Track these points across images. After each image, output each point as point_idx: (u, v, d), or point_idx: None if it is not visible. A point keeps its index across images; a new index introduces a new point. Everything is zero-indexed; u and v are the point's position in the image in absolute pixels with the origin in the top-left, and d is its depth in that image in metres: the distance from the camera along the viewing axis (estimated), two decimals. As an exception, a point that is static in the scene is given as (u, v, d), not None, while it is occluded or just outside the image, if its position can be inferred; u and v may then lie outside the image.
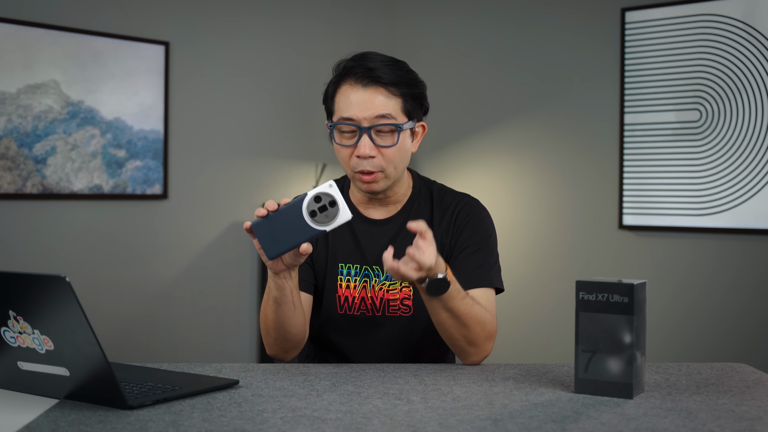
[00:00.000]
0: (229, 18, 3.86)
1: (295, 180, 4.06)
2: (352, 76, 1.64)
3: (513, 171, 4.13)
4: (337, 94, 1.66)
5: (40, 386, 1.30)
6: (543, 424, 1.16)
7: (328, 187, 1.41)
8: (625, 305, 1.31)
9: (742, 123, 3.47)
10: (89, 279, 3.42)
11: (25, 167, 3.23)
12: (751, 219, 3.45)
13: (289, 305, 1.53)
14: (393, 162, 1.64)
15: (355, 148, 1.62)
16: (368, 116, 1.61)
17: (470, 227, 1.71)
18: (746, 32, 3.46)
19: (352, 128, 1.62)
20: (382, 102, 1.62)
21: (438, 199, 1.75)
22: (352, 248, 1.71)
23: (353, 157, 1.63)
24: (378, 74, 1.62)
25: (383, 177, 1.64)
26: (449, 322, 1.54)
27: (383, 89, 1.63)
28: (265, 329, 1.61)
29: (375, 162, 1.62)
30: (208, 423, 1.16)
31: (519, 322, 4.03)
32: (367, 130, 1.61)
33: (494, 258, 1.72)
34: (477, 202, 1.77)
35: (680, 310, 3.66)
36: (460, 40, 4.28)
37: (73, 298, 1.17)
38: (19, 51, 3.21)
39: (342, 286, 1.70)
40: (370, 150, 1.61)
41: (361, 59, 1.65)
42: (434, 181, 1.81)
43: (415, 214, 1.73)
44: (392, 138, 1.63)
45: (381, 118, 1.62)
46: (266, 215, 1.41)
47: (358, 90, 1.62)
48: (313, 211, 1.40)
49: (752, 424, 1.17)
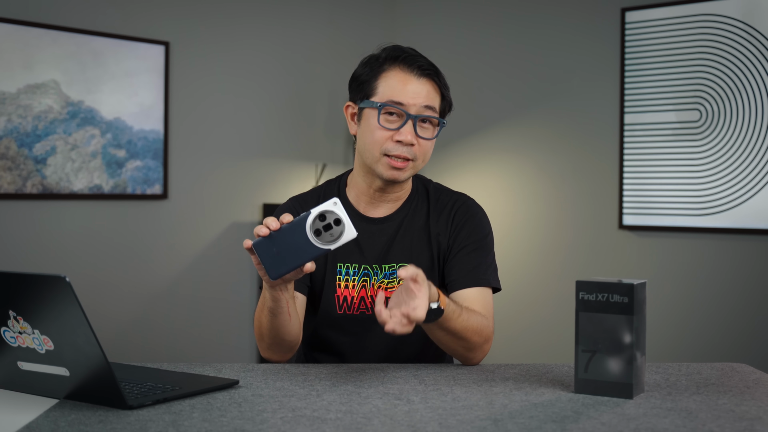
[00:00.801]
0: (229, 18, 3.86)
1: (295, 180, 4.06)
2: (405, 63, 1.66)
3: (513, 171, 4.13)
4: (382, 76, 1.66)
5: (40, 386, 1.30)
6: (543, 424, 1.16)
7: (332, 205, 1.38)
8: (625, 305, 1.31)
9: (742, 123, 3.47)
10: (89, 279, 3.42)
11: (25, 167, 3.23)
12: (751, 219, 3.45)
13: (285, 315, 1.52)
14: (424, 155, 1.67)
15: (396, 133, 1.62)
16: (417, 104, 1.63)
17: (468, 227, 1.72)
18: (746, 32, 3.46)
19: (399, 112, 1.63)
20: (432, 95, 1.66)
21: (435, 198, 1.76)
22: (351, 247, 1.70)
23: (391, 140, 1.62)
24: (428, 66, 1.66)
25: (412, 167, 1.66)
26: (446, 338, 1.56)
27: (435, 83, 1.67)
28: (259, 335, 1.60)
29: (412, 150, 1.63)
30: (208, 423, 1.16)
31: (519, 322, 4.03)
32: (414, 118, 1.63)
33: (491, 257, 1.73)
34: (473, 202, 1.78)
35: (680, 310, 3.65)
36: (460, 40, 4.28)
37: (73, 298, 1.17)
38: (19, 51, 3.21)
39: (341, 286, 1.70)
40: (412, 137, 1.62)
41: (408, 50, 1.68)
42: (430, 180, 1.81)
43: (414, 212, 1.74)
44: (432, 131, 1.67)
45: (428, 110, 1.65)
46: (268, 234, 1.38)
47: (412, 78, 1.64)
48: (317, 229, 1.38)
49: (752, 424, 1.17)
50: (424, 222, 1.73)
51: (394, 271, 1.70)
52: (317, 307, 1.73)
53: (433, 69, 1.67)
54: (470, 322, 1.56)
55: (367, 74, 1.68)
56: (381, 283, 1.69)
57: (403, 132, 1.62)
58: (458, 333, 1.54)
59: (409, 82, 1.64)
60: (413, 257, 1.70)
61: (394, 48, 1.69)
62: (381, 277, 1.69)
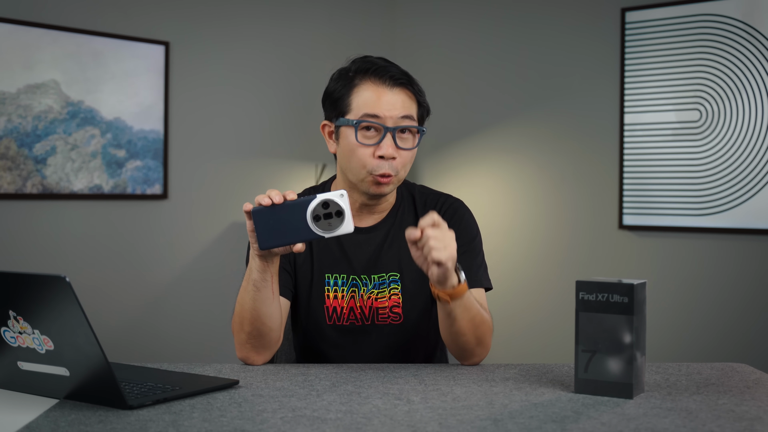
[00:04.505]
0: (229, 18, 3.86)
1: (295, 180, 4.06)
2: (376, 75, 1.61)
3: (513, 171, 4.13)
4: (355, 91, 1.62)
5: (40, 386, 1.30)
6: (543, 424, 1.16)
7: (339, 196, 1.39)
8: (625, 305, 1.31)
9: (742, 123, 3.47)
10: (89, 279, 3.42)
11: (25, 167, 3.23)
12: (751, 219, 3.45)
13: (268, 291, 1.50)
14: (406, 165, 1.64)
15: (376, 148, 1.59)
16: (394, 116, 1.60)
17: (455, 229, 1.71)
18: (746, 32, 3.46)
19: (376, 127, 1.60)
20: (408, 104, 1.62)
21: (421, 202, 1.74)
22: (339, 258, 1.68)
23: (373, 157, 1.59)
24: (399, 75, 1.62)
25: (396, 180, 1.63)
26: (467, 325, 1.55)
27: (409, 91, 1.63)
28: (240, 322, 1.54)
29: (394, 164, 1.60)
30: (208, 423, 1.16)
31: (519, 322, 4.03)
32: (393, 131, 1.60)
33: (481, 258, 1.72)
34: (460, 203, 1.77)
35: (680, 310, 3.65)
36: (460, 39, 4.28)
37: (73, 298, 1.17)
38: (19, 51, 3.21)
39: (330, 297, 1.68)
40: (393, 151, 1.59)
41: (374, 61, 1.64)
42: (414, 184, 1.79)
43: (401, 219, 1.72)
44: (413, 141, 1.63)
45: (406, 119, 1.61)
46: (270, 205, 1.40)
47: (384, 89, 1.60)
48: (317, 215, 1.39)
49: (752, 424, 1.17)
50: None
51: (384, 281, 1.68)
52: (307, 318, 1.71)
53: (406, 77, 1.63)
54: (480, 310, 1.57)
55: (339, 91, 1.64)
56: (371, 294, 1.68)
57: (383, 146, 1.59)
58: (475, 318, 1.54)
59: (383, 93, 1.60)
60: (403, 266, 1.69)
61: (363, 60, 1.65)
62: (371, 288, 1.68)
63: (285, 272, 1.67)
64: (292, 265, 1.69)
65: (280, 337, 1.59)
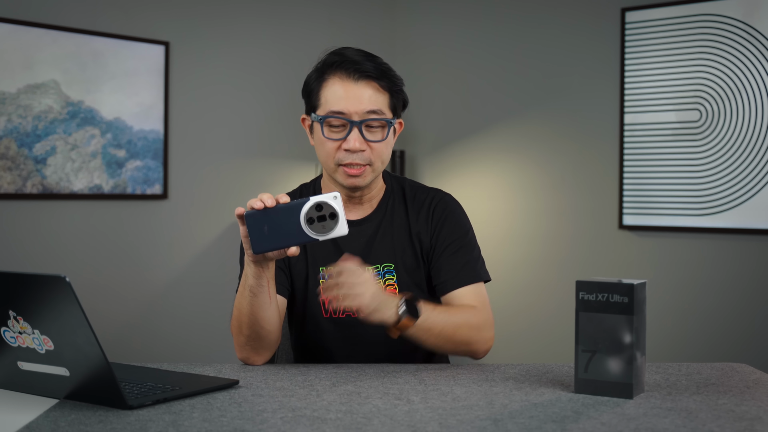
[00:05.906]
0: (229, 18, 3.86)
1: (295, 180, 4.06)
2: (341, 69, 1.63)
3: (513, 171, 4.13)
4: (323, 87, 1.64)
5: (40, 386, 1.30)
6: (543, 424, 1.16)
7: (332, 198, 1.39)
8: (625, 305, 1.31)
9: (742, 123, 3.47)
10: (89, 279, 3.42)
11: (25, 167, 3.23)
12: (751, 219, 3.45)
13: (265, 295, 1.51)
14: (381, 157, 1.65)
15: (343, 142, 1.62)
16: (359, 110, 1.62)
17: (449, 225, 1.72)
18: (746, 32, 3.46)
19: (342, 122, 1.62)
20: (373, 97, 1.63)
21: (411, 196, 1.76)
22: (332, 251, 1.70)
23: (340, 150, 1.62)
24: (367, 69, 1.63)
25: (371, 171, 1.65)
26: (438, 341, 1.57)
27: (375, 83, 1.64)
28: (238, 326, 1.56)
29: (364, 155, 1.63)
30: (208, 423, 1.16)
31: (519, 322, 4.03)
32: (358, 125, 1.62)
33: (476, 251, 1.73)
34: (450, 197, 1.78)
35: (680, 310, 3.65)
36: (460, 39, 4.28)
37: (73, 298, 1.17)
38: (19, 51, 3.21)
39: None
40: (360, 144, 1.61)
41: (345, 54, 1.65)
42: (404, 178, 1.82)
43: (392, 211, 1.74)
44: (382, 133, 1.65)
45: (372, 113, 1.63)
46: (262, 209, 1.39)
47: (349, 84, 1.62)
48: (311, 218, 1.39)
49: (752, 424, 1.17)
50: (403, 221, 1.73)
51: (379, 272, 1.70)
52: (304, 313, 1.72)
53: (377, 70, 1.63)
54: (451, 319, 1.58)
55: (310, 85, 1.68)
56: None
57: (349, 140, 1.61)
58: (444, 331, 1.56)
59: (349, 88, 1.62)
60: (396, 257, 1.71)
61: (333, 53, 1.67)
62: None
63: (280, 270, 1.69)
64: (286, 262, 1.71)
65: (279, 337, 1.60)
